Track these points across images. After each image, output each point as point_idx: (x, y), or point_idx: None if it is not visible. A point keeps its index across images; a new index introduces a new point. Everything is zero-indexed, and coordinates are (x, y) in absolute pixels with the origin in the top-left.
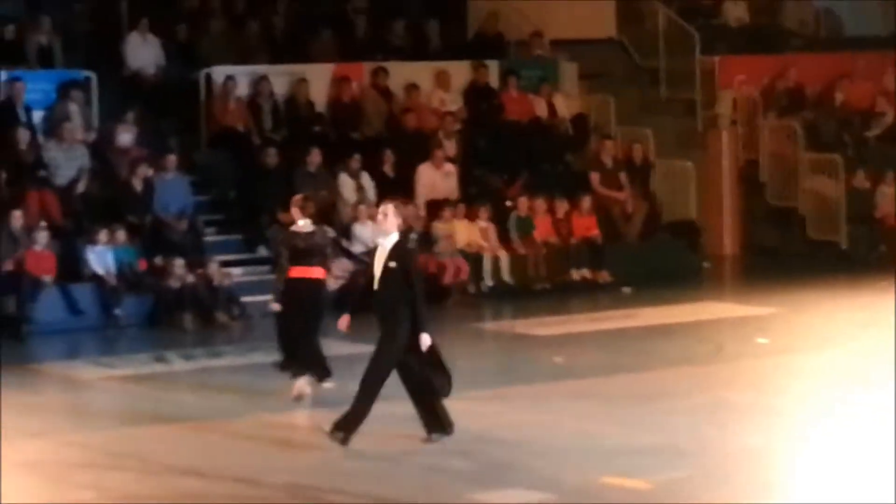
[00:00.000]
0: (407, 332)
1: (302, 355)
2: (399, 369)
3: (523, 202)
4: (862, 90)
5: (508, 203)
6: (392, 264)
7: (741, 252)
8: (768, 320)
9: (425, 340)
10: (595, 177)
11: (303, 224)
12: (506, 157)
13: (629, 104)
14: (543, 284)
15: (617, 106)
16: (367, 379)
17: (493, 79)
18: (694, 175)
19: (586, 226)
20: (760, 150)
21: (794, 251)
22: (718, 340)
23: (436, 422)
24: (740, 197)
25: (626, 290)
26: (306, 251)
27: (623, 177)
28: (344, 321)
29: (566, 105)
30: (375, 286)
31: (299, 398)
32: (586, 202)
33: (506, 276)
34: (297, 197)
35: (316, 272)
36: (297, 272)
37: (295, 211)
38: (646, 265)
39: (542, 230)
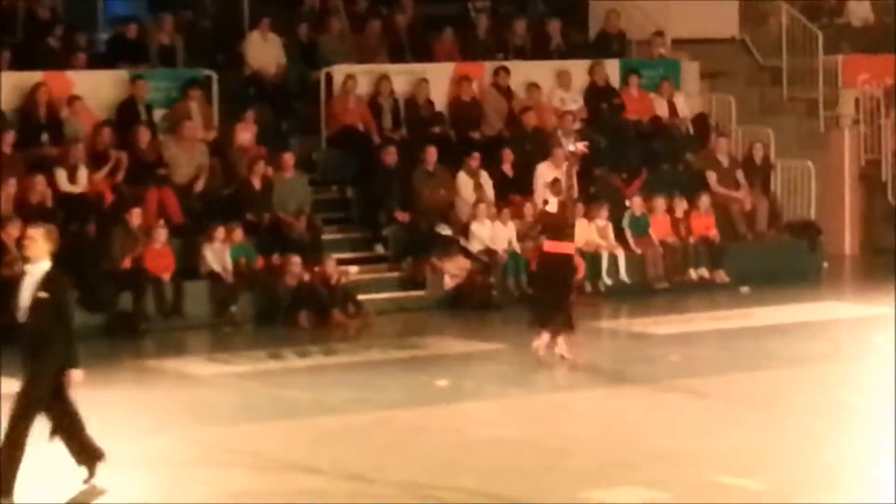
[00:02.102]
0: (56, 369)
1: (556, 318)
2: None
3: (637, 201)
4: None
5: (626, 202)
6: (42, 295)
7: (861, 252)
8: (887, 321)
9: (76, 377)
10: (712, 176)
11: (552, 204)
12: (625, 157)
13: (751, 104)
14: (661, 283)
15: (738, 105)
16: (13, 423)
17: (615, 78)
18: (814, 175)
19: (705, 225)
20: (882, 150)
21: None
22: (837, 341)
23: (86, 456)
24: (861, 197)
25: (745, 289)
26: (557, 228)
27: (740, 175)
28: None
29: (687, 104)
30: (23, 318)
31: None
32: (704, 201)
33: (623, 275)
34: (548, 180)
35: (565, 247)
36: (550, 246)
37: (546, 192)
38: (764, 265)
39: (661, 229)
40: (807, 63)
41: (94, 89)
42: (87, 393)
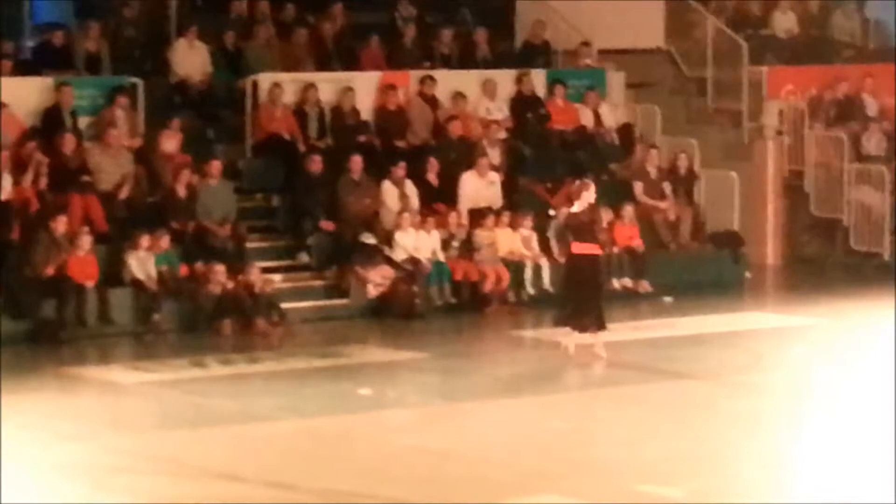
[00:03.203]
0: None
1: (588, 315)
2: None
3: (563, 211)
4: None
5: (551, 212)
6: None
7: (784, 262)
8: (809, 331)
9: None
10: (638, 186)
11: (577, 207)
12: (550, 166)
13: (676, 114)
14: None
15: (663, 116)
16: None
17: (541, 88)
18: (738, 185)
19: (629, 235)
20: (806, 161)
21: (837, 262)
22: (758, 351)
23: None
24: (784, 208)
25: (668, 299)
26: (583, 230)
27: (666, 187)
28: None
29: (612, 114)
30: None
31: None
32: (629, 211)
33: (547, 284)
34: (573, 186)
35: (592, 248)
36: (578, 248)
37: (572, 197)
38: (688, 275)
39: None
40: (732, 74)
41: (20, 96)
42: (10, 399)
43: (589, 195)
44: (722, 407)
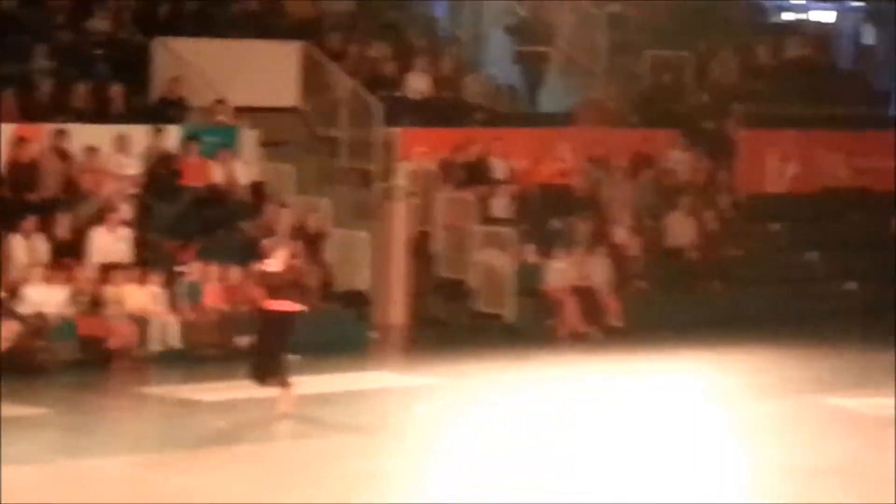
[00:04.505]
0: None
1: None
2: None
3: (193, 268)
4: (539, 165)
5: (179, 268)
6: None
7: (410, 323)
8: (431, 390)
9: None
10: (267, 244)
11: (273, 264)
12: (181, 223)
13: (309, 173)
14: (211, 350)
15: (296, 174)
16: None
17: (175, 143)
18: (368, 245)
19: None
20: (435, 222)
21: (461, 323)
22: (381, 409)
23: None
24: (412, 268)
25: (294, 357)
26: (278, 287)
27: (296, 245)
28: None
29: (245, 172)
30: None
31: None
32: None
33: (174, 341)
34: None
35: (286, 305)
36: (272, 305)
37: (267, 254)
38: (315, 334)
39: (213, 296)
40: (365, 134)
41: None
42: None
43: (285, 253)
44: (344, 465)
